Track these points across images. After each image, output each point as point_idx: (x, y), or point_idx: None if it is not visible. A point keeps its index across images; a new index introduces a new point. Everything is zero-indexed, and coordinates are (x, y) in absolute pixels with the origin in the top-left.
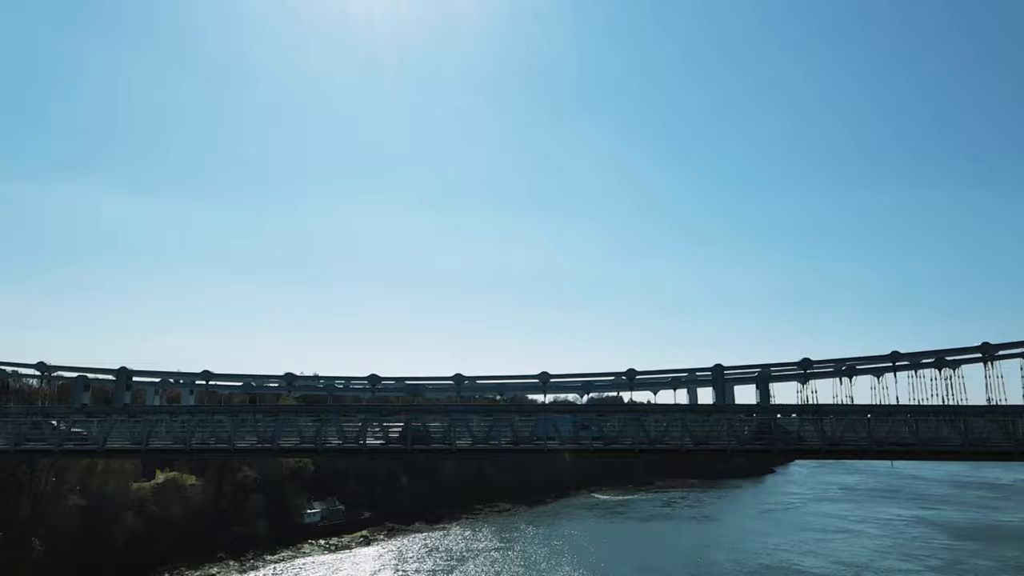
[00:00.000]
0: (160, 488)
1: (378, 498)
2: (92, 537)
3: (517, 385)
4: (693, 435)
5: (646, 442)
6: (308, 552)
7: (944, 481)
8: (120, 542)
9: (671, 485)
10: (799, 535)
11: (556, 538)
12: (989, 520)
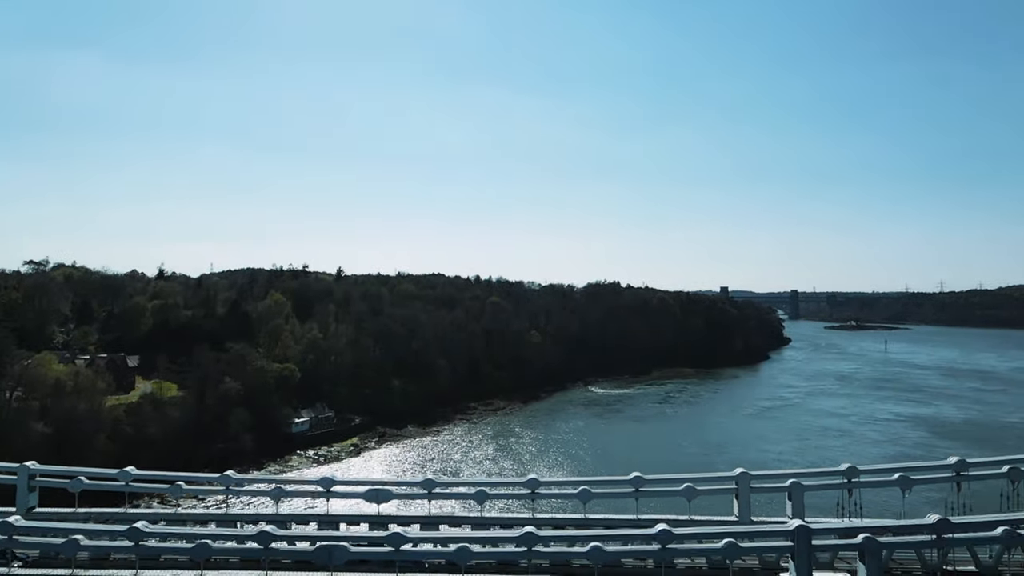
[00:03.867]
0: (136, 407)
1: (369, 401)
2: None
3: (504, 495)
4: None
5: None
6: (296, 465)
7: (939, 369)
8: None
9: (668, 376)
10: (798, 441)
11: (551, 442)
12: (988, 419)
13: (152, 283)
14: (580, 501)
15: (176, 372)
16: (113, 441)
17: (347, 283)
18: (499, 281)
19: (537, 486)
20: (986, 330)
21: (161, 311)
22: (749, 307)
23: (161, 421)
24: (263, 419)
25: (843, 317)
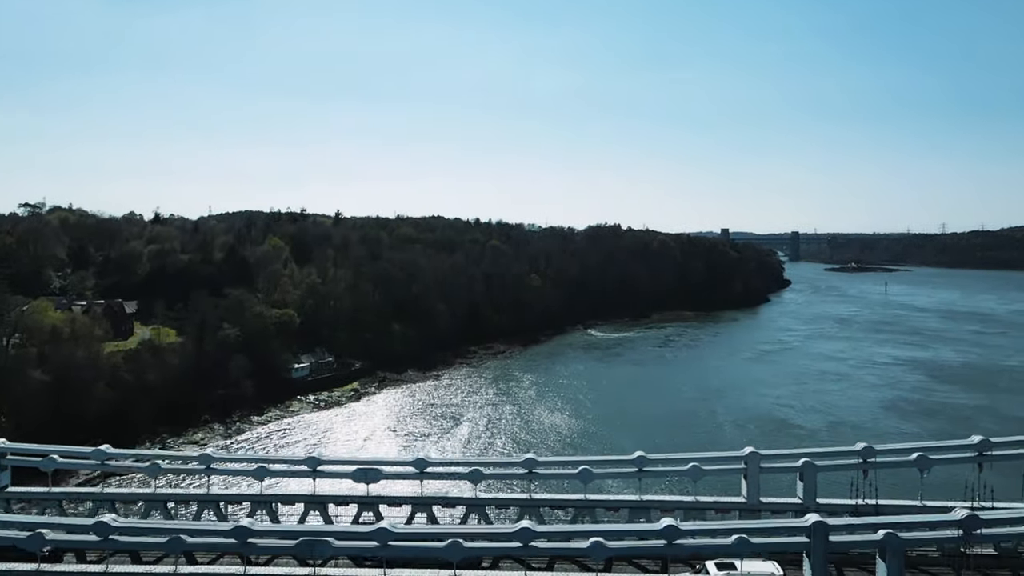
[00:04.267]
0: (135, 354)
1: (369, 346)
2: (61, 412)
3: (499, 475)
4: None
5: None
6: (297, 410)
7: (939, 312)
8: (94, 414)
9: (667, 319)
10: (797, 385)
11: (551, 386)
12: (986, 362)
13: (148, 227)
14: (580, 482)
15: (174, 318)
16: (112, 388)
17: (345, 227)
18: (499, 224)
19: (535, 466)
20: (987, 272)
21: (158, 256)
22: (749, 249)
23: (160, 368)
24: (263, 365)
25: (844, 259)
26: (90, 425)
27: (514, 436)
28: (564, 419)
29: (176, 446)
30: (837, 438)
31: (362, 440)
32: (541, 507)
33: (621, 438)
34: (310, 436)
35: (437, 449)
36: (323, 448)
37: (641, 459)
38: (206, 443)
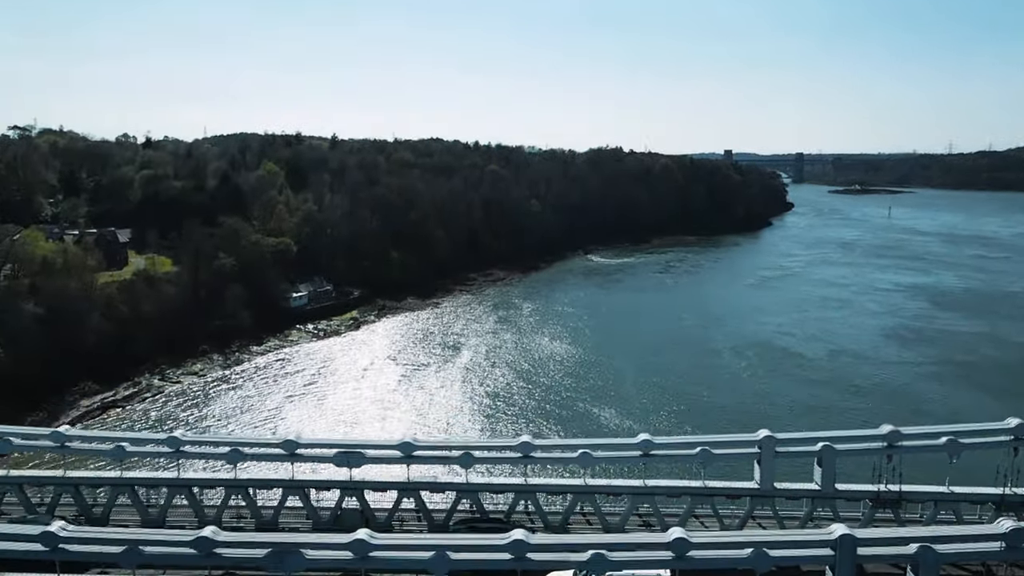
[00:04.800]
0: (130, 285)
1: (367, 274)
2: (57, 345)
3: (492, 458)
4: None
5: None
6: (296, 340)
7: (942, 235)
8: (90, 346)
9: (668, 244)
10: (798, 312)
11: (551, 314)
12: (989, 288)
13: (141, 152)
14: (580, 466)
15: (168, 247)
16: (108, 320)
17: (342, 151)
18: (498, 147)
19: (531, 450)
20: (992, 193)
21: (151, 182)
22: (753, 172)
23: (156, 298)
24: (260, 294)
25: (848, 181)
26: (87, 357)
27: (514, 366)
28: (564, 347)
29: (175, 376)
30: (837, 367)
31: (362, 370)
32: (537, 492)
33: (621, 366)
34: (310, 366)
35: (437, 379)
36: (323, 379)
37: (646, 443)
38: (205, 373)
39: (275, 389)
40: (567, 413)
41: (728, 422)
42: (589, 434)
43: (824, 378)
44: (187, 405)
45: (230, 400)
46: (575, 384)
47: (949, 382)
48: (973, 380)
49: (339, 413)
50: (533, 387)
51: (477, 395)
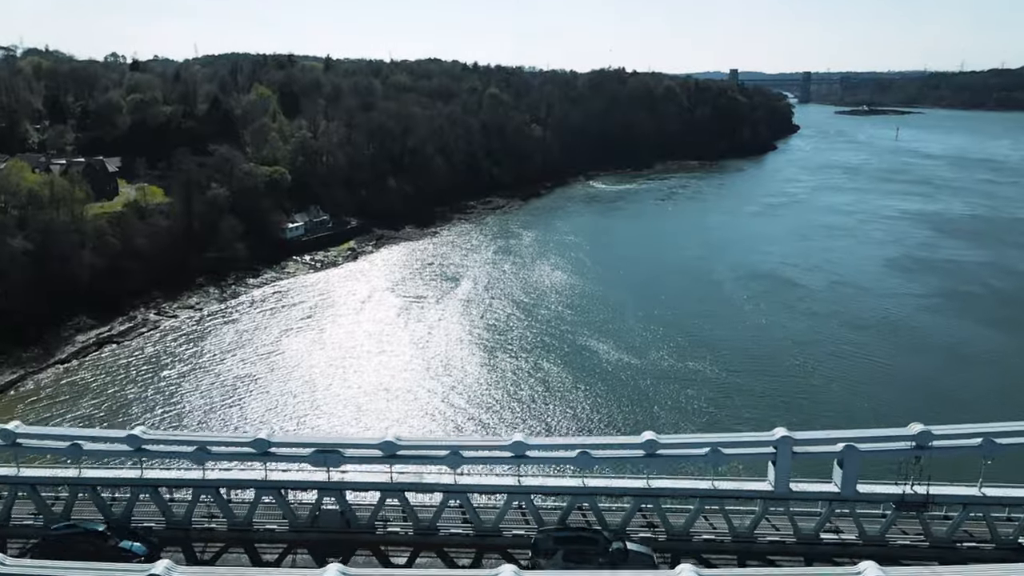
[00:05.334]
0: (121, 218)
1: (364, 203)
2: (49, 280)
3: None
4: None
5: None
6: (293, 272)
7: (950, 159)
8: (84, 281)
9: (671, 170)
10: (801, 242)
11: (551, 244)
12: (995, 215)
13: (128, 75)
14: (578, 468)
15: (158, 177)
16: (100, 255)
17: (336, 73)
18: (497, 68)
19: (524, 449)
20: (1003, 113)
21: (139, 108)
22: (759, 94)
23: (149, 231)
24: (255, 226)
25: (856, 101)
26: (81, 292)
27: (514, 297)
28: (564, 278)
29: (171, 310)
30: (839, 299)
31: (360, 303)
32: (532, 494)
33: (621, 297)
34: (307, 299)
35: (436, 312)
36: (321, 312)
37: (651, 443)
38: (201, 307)
39: (272, 323)
40: (567, 348)
41: (728, 357)
42: (588, 372)
43: (826, 311)
44: (184, 340)
45: (227, 335)
46: (575, 317)
47: (952, 314)
48: (977, 312)
49: (337, 347)
50: (532, 320)
51: (476, 328)
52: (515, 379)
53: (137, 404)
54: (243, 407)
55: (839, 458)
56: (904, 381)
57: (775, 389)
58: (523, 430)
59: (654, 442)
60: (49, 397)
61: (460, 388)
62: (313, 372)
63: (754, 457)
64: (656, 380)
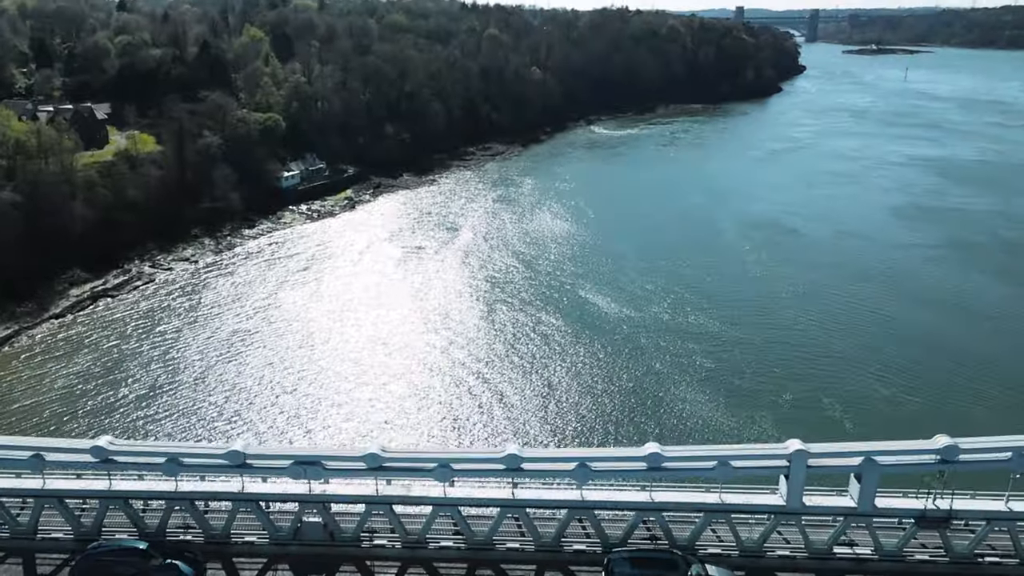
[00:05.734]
0: (111, 167)
1: (361, 151)
2: (40, 233)
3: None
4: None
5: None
6: (289, 222)
7: (959, 101)
8: (76, 234)
9: (674, 114)
10: (806, 189)
11: (552, 192)
12: (1004, 161)
13: (115, 15)
14: (576, 483)
15: (148, 125)
16: (91, 206)
17: (331, 12)
18: (496, 7)
19: (518, 463)
20: (1015, 52)
21: (127, 51)
22: (766, 33)
23: (140, 182)
24: (250, 175)
25: (864, 39)
26: (73, 246)
27: (513, 249)
28: (565, 227)
29: (166, 263)
30: (844, 250)
31: (358, 254)
32: (527, 508)
33: (622, 248)
34: (304, 250)
35: (435, 263)
36: (318, 264)
37: (655, 456)
38: (197, 259)
39: (269, 275)
40: (566, 301)
41: (729, 310)
42: (587, 326)
43: (829, 262)
44: (179, 293)
45: (223, 287)
46: (575, 268)
47: (958, 266)
48: (985, 263)
49: (335, 300)
50: (532, 272)
51: (475, 280)
52: (514, 333)
53: (133, 360)
54: (240, 364)
55: (858, 472)
56: (906, 335)
57: (775, 342)
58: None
59: (658, 455)
60: (44, 353)
61: (459, 342)
62: (311, 326)
63: (766, 471)
64: (656, 334)
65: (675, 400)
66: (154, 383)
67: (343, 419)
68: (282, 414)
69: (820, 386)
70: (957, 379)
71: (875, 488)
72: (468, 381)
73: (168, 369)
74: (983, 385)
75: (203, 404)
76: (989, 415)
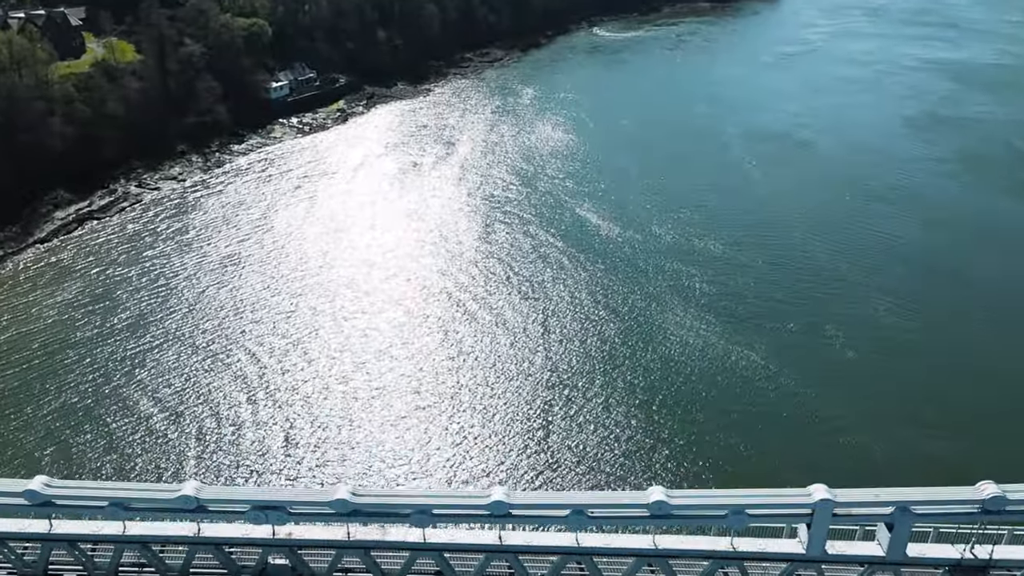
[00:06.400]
0: (90, 80)
1: (353, 58)
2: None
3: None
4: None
5: None
6: (279, 136)
7: None
8: (56, 153)
9: (680, 14)
10: (816, 97)
11: (551, 101)
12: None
13: None
14: (570, 530)
15: (126, 33)
16: (69, 122)
17: None
18: None
19: (505, 509)
20: None
21: None
22: None
23: (121, 95)
24: (236, 86)
25: None
26: (54, 164)
27: (512, 165)
28: (565, 142)
29: (153, 182)
30: (854, 164)
31: (351, 171)
32: (518, 554)
33: (624, 163)
34: (295, 167)
35: (431, 181)
36: (310, 182)
37: (660, 504)
38: (184, 178)
39: (259, 194)
40: (567, 222)
41: (733, 231)
42: (587, 248)
43: (838, 178)
44: (167, 216)
45: (212, 208)
46: (575, 187)
47: (971, 181)
48: (998, 179)
49: (328, 221)
50: (531, 190)
51: (473, 199)
52: (512, 255)
53: (122, 287)
54: (232, 291)
55: (889, 522)
56: (914, 258)
57: (780, 265)
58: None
59: (663, 503)
60: (31, 280)
61: (458, 264)
62: (304, 249)
63: (786, 520)
64: (657, 257)
65: (673, 328)
66: (145, 311)
67: (339, 349)
68: (281, 339)
69: (824, 313)
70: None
71: (907, 537)
72: (468, 305)
73: (158, 297)
74: (994, 313)
75: (195, 333)
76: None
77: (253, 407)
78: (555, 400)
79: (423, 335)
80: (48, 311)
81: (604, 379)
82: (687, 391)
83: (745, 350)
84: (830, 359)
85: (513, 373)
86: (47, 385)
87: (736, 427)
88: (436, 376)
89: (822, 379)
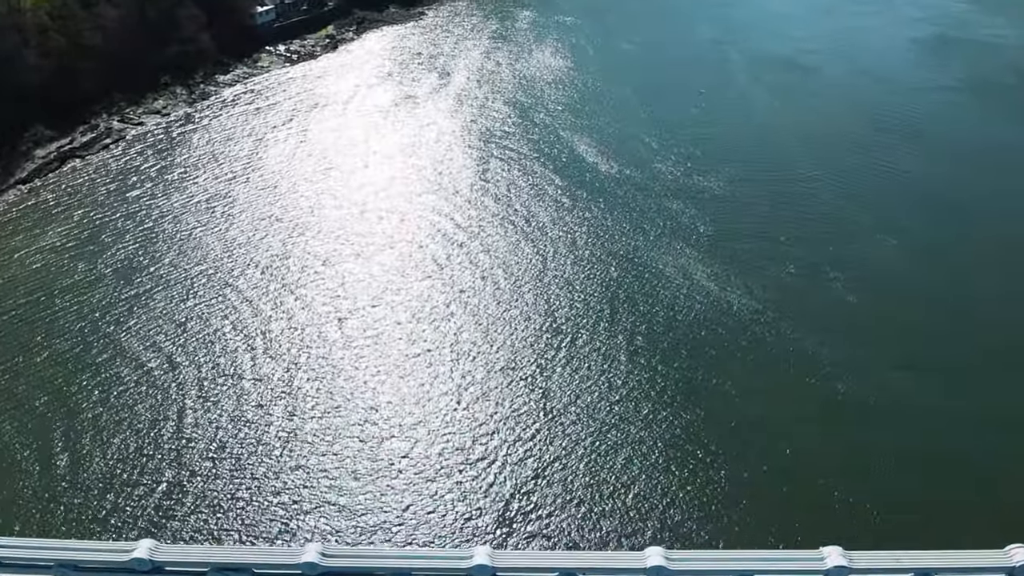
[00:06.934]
0: (63, 9)
1: None
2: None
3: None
4: None
5: None
6: (266, 66)
7: None
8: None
9: None
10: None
11: (551, 26)
12: None
13: None
14: None
15: None
16: (44, 55)
17: None
18: None
19: (489, 573)
20: None
21: None
22: None
23: (98, 23)
24: (219, 11)
25: None
26: (33, 100)
27: (509, 97)
28: (564, 71)
29: (136, 116)
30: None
31: (343, 104)
32: None
33: (624, 94)
34: (284, 99)
35: (425, 113)
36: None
37: (659, 569)
38: (168, 112)
39: (247, 129)
40: (564, 157)
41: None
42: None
43: (846, 109)
44: (151, 153)
45: (198, 144)
46: (574, 120)
47: (983, 114)
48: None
49: (320, 158)
50: (529, 123)
51: (469, 134)
52: (508, 193)
53: (107, 231)
54: (220, 234)
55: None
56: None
57: (782, 203)
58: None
59: (663, 568)
60: (12, 223)
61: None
62: (295, 188)
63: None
64: (656, 196)
65: (669, 269)
66: (133, 256)
67: (333, 295)
68: (272, 283)
69: (826, 254)
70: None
71: None
72: (468, 245)
73: (146, 240)
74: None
75: (189, 274)
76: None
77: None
78: (553, 345)
79: (420, 280)
80: (33, 256)
81: (606, 324)
82: (688, 338)
83: (742, 292)
84: (824, 298)
85: (513, 317)
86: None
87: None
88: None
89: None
